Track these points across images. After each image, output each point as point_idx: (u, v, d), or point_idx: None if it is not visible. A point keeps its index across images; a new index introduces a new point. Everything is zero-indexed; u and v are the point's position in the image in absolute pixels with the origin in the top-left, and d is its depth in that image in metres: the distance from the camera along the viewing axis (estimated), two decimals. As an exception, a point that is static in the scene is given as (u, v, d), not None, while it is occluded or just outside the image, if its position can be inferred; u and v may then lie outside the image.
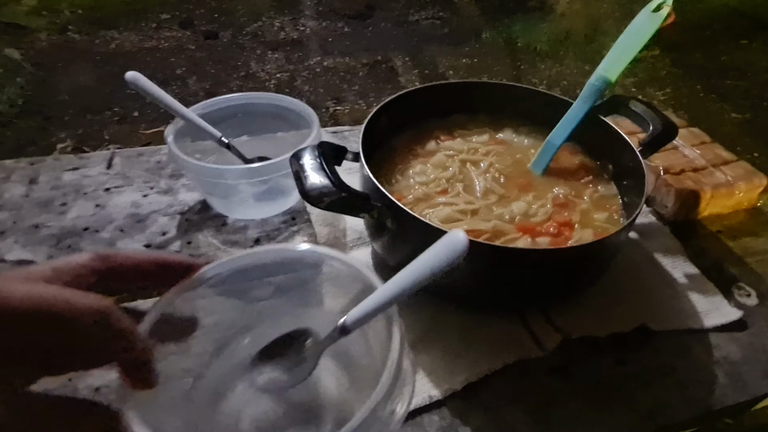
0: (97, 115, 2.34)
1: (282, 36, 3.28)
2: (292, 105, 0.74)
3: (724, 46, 3.13)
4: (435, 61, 3.04)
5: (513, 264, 0.51)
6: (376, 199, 0.52)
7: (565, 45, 3.16)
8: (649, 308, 0.60)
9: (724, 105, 2.62)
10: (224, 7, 3.60)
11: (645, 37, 0.64)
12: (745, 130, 2.44)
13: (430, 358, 0.53)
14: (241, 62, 2.93)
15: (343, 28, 3.43)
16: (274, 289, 0.55)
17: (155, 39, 3.11)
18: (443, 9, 3.71)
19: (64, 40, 3.00)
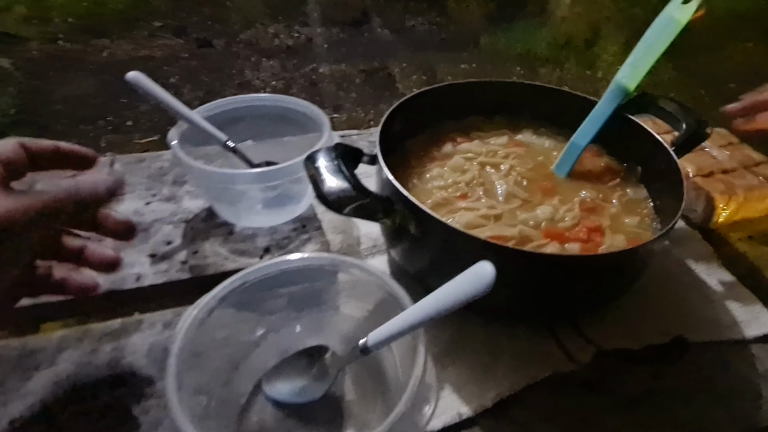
0: (91, 124, 2.29)
1: (276, 43, 3.24)
2: (300, 107, 0.70)
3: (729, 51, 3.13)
4: (433, 67, 3.00)
5: (545, 272, 0.48)
6: (398, 203, 0.49)
7: (565, 50, 3.14)
8: (684, 318, 0.57)
9: (726, 107, 2.61)
10: (218, 14, 3.56)
11: (674, 32, 0.61)
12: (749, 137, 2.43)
13: (457, 373, 0.49)
14: (235, 70, 2.89)
15: (339, 35, 3.40)
16: (288, 300, 0.52)
17: (148, 47, 3.07)
18: (439, 15, 3.69)
19: (56, 49, 2.94)
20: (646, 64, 0.62)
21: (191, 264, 0.60)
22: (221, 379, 0.47)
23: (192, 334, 0.42)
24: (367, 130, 0.87)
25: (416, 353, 0.39)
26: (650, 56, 0.62)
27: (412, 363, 0.40)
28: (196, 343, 0.43)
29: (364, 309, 0.52)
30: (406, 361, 0.46)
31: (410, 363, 0.43)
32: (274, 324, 0.52)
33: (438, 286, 0.54)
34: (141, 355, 0.50)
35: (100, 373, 0.49)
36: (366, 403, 0.47)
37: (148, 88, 0.59)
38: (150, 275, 0.58)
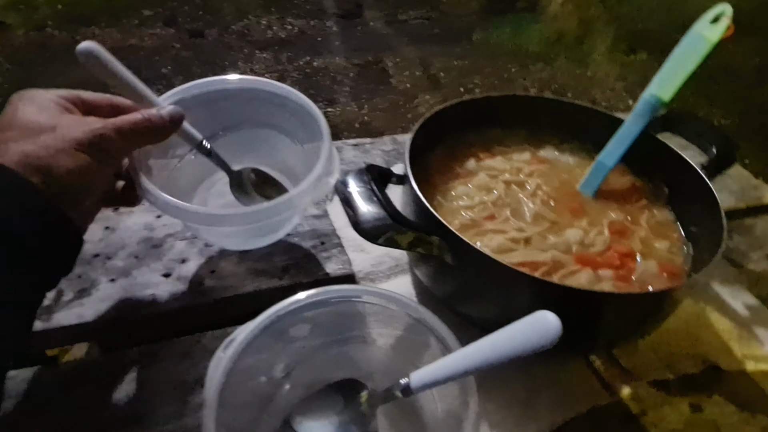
0: (79, 115, 2.24)
1: (270, 35, 3.20)
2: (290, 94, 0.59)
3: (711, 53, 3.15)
4: (427, 61, 2.99)
5: (587, 307, 0.46)
6: (435, 232, 0.47)
7: (556, 47, 3.14)
8: (715, 344, 0.56)
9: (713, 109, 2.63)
10: (209, 4, 3.50)
11: (703, 51, 0.60)
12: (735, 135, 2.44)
13: (495, 408, 0.48)
14: (228, 62, 2.85)
15: (332, 28, 3.36)
16: (312, 326, 0.50)
17: (138, 37, 3.00)
18: (432, 9, 3.67)
19: (43, 36, 2.87)
20: (675, 83, 0.61)
21: (208, 285, 0.57)
22: (248, 416, 0.45)
23: (225, 377, 0.39)
24: (380, 138, 0.84)
25: (468, 403, 0.37)
26: (680, 75, 0.60)
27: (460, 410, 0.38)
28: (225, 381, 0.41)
29: (391, 336, 0.51)
30: (446, 398, 0.44)
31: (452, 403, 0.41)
32: (299, 354, 0.50)
33: (467, 311, 0.54)
34: (161, 389, 0.48)
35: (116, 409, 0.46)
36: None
37: (106, 65, 0.46)
38: (166, 297, 0.55)
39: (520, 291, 0.47)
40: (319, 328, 0.50)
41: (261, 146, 0.64)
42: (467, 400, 0.38)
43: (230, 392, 0.43)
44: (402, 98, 2.65)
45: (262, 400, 0.46)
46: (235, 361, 0.41)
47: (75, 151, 0.39)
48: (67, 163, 0.38)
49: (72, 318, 0.52)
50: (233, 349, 0.40)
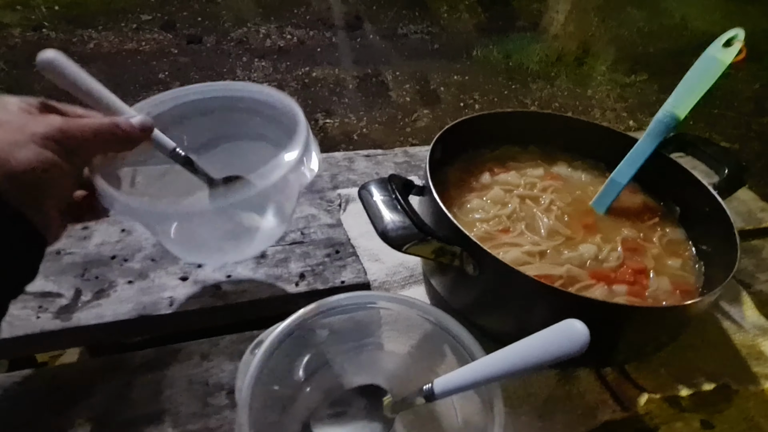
0: (76, 117, 2.23)
1: (268, 44, 3.22)
2: (272, 99, 0.54)
3: (720, 77, 3.20)
4: (426, 76, 3.02)
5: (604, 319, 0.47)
6: (457, 243, 0.48)
7: (556, 66, 3.18)
8: (726, 361, 0.57)
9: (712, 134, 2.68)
10: (208, 11, 3.51)
11: (716, 73, 0.62)
12: (734, 160, 2.49)
13: (513, 420, 0.48)
14: (226, 69, 2.86)
15: (332, 39, 3.39)
16: (329, 332, 0.50)
17: (135, 41, 3.01)
18: (432, 24, 3.71)
19: (39, 37, 2.86)
20: (687, 106, 0.62)
21: (225, 290, 0.57)
22: (270, 419, 0.45)
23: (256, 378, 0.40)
24: (391, 150, 0.85)
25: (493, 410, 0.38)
26: (691, 98, 0.62)
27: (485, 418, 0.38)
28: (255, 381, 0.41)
29: (409, 344, 0.51)
30: (467, 407, 0.45)
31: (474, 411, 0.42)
32: (317, 359, 0.50)
33: (484, 323, 0.54)
34: (181, 389, 0.48)
35: (138, 408, 0.46)
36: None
37: (67, 74, 0.42)
38: (183, 300, 0.55)
39: (539, 302, 0.48)
40: (336, 335, 0.50)
41: (246, 157, 0.55)
42: (491, 409, 0.38)
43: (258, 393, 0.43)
44: (400, 112, 2.67)
45: (282, 403, 0.46)
46: (265, 363, 0.41)
47: (33, 144, 0.36)
48: (26, 155, 0.35)
49: (91, 318, 0.52)
50: (263, 350, 0.41)
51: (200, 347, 0.52)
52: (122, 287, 0.55)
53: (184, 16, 3.40)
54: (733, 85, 3.04)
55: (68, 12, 3.17)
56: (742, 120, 2.75)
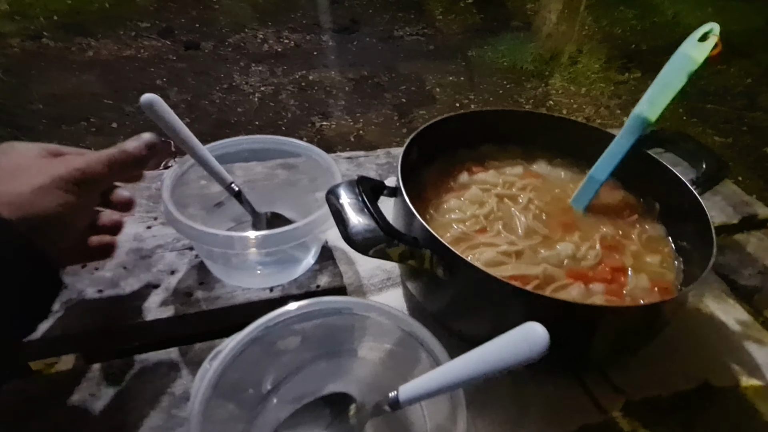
0: (72, 125, 2.24)
1: (265, 48, 3.22)
2: (308, 152, 0.64)
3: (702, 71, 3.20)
4: (421, 77, 3.01)
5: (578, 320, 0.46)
6: (427, 245, 0.47)
7: (550, 65, 3.17)
8: (707, 361, 0.56)
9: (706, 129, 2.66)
10: (205, 17, 3.52)
11: (691, 68, 0.60)
12: (728, 154, 2.47)
13: (484, 425, 0.47)
14: (223, 74, 2.86)
15: (328, 42, 3.39)
16: (301, 339, 0.49)
17: (134, 48, 3.01)
18: (427, 26, 3.70)
19: (38, 46, 2.87)
20: (663, 101, 0.61)
21: (198, 296, 0.56)
22: (235, 429, 0.44)
23: (211, 390, 0.39)
24: (374, 151, 0.84)
25: (456, 416, 0.37)
26: (667, 93, 0.61)
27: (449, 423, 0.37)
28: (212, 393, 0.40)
29: (382, 351, 0.50)
30: (436, 415, 0.44)
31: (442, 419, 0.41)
32: (287, 366, 0.49)
33: (459, 327, 0.53)
34: (144, 402, 0.47)
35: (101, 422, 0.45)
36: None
37: (162, 115, 0.52)
38: (154, 309, 0.55)
39: (512, 305, 0.46)
40: (309, 341, 0.49)
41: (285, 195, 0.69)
42: (456, 415, 0.37)
43: (217, 405, 0.42)
44: (396, 113, 2.66)
45: (250, 413, 0.46)
46: (223, 373, 0.41)
47: (57, 189, 0.39)
48: (51, 201, 0.38)
49: (57, 329, 0.51)
50: (219, 360, 0.40)
51: (168, 357, 0.51)
52: (91, 297, 0.55)
53: (182, 22, 3.40)
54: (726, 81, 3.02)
55: (67, 21, 3.18)
56: (735, 114, 2.73)
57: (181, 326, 0.55)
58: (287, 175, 0.69)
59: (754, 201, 0.82)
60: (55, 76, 2.56)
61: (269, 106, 2.61)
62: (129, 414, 0.46)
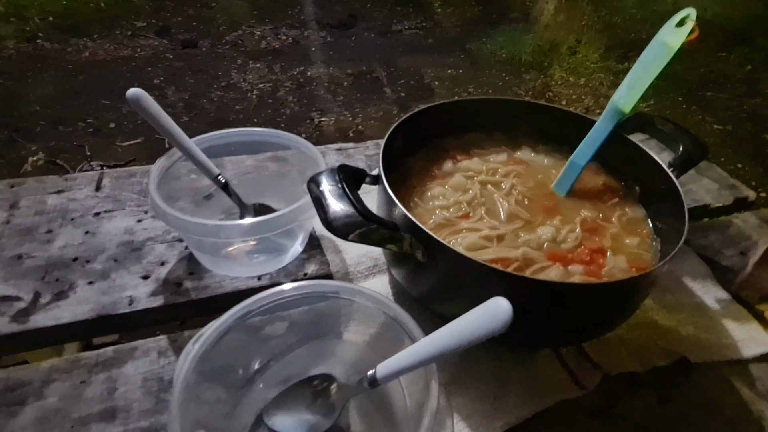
0: (70, 126, 2.25)
1: (263, 45, 3.22)
2: (295, 143, 0.66)
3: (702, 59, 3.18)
4: (420, 71, 3.01)
5: (554, 299, 0.47)
6: (404, 228, 0.48)
7: (549, 56, 3.17)
8: (685, 338, 0.57)
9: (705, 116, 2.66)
10: (202, 15, 3.53)
11: (669, 53, 0.61)
12: (728, 142, 2.47)
13: (465, 401, 0.49)
14: (221, 72, 2.87)
15: (326, 38, 3.39)
16: (288, 324, 0.51)
17: (131, 48, 3.02)
18: (426, 19, 3.70)
19: (34, 48, 2.89)
20: (642, 86, 0.62)
21: (187, 286, 0.58)
22: (222, 411, 0.45)
23: (194, 370, 0.40)
24: (363, 143, 0.85)
25: (429, 388, 0.38)
26: (646, 78, 0.62)
27: (425, 397, 0.39)
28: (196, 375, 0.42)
29: (367, 334, 0.51)
30: (415, 393, 0.45)
31: (421, 395, 0.42)
32: (274, 351, 0.50)
33: (442, 310, 0.54)
34: (135, 386, 0.48)
35: (91, 407, 0.47)
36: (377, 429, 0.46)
37: (148, 109, 0.54)
38: (144, 298, 0.56)
39: (489, 286, 0.47)
40: (296, 326, 0.51)
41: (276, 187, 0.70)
42: (429, 388, 0.39)
43: (206, 388, 0.44)
44: (395, 107, 2.67)
45: (236, 395, 0.47)
46: (207, 356, 0.42)
47: None
48: None
49: (49, 320, 0.53)
50: (201, 341, 0.41)
51: (158, 344, 0.52)
52: (82, 288, 0.56)
53: (179, 21, 3.41)
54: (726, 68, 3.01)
55: (62, 22, 3.19)
56: (735, 102, 2.72)
57: (171, 315, 0.56)
58: (277, 168, 0.70)
59: (738, 184, 0.82)
60: (51, 78, 2.58)
61: (267, 103, 2.61)
62: (120, 398, 0.47)
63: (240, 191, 0.63)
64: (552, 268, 0.54)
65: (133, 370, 0.50)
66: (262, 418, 0.45)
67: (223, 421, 0.45)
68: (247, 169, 0.70)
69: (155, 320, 0.56)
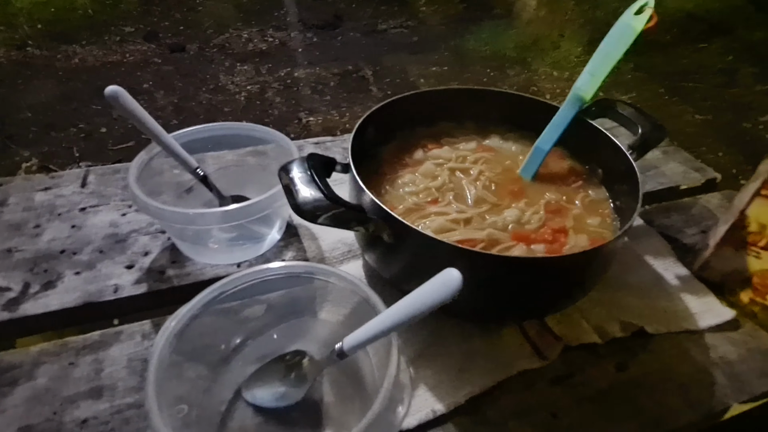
0: (62, 132, 2.27)
1: (250, 47, 3.24)
2: (272, 137, 0.70)
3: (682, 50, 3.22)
4: (405, 70, 3.04)
5: (512, 273, 0.50)
6: (372, 212, 0.51)
7: (532, 51, 3.20)
8: (645, 311, 0.60)
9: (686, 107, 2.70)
10: (190, 19, 3.54)
11: (628, 40, 0.64)
12: (708, 131, 2.51)
13: (432, 373, 0.52)
14: (209, 75, 2.89)
15: (312, 39, 3.41)
16: (267, 307, 0.54)
17: (119, 53, 3.04)
18: (410, 18, 3.73)
19: (24, 55, 2.90)
20: (603, 72, 0.65)
21: (169, 274, 0.61)
22: (202, 387, 0.48)
23: (170, 346, 0.43)
24: (340, 136, 0.88)
25: (390, 356, 0.41)
26: (607, 64, 0.65)
27: (387, 363, 0.41)
28: (177, 353, 0.44)
29: (341, 314, 0.54)
30: (382, 364, 0.48)
31: (385, 365, 0.45)
32: (253, 331, 0.53)
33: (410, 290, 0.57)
34: (120, 367, 0.51)
35: (79, 386, 0.49)
36: (344, 406, 0.49)
37: (126, 105, 0.57)
38: (128, 286, 0.59)
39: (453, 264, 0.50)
40: (274, 308, 0.54)
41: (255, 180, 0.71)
42: (389, 355, 0.41)
43: (186, 366, 0.46)
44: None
45: (216, 372, 0.50)
46: (186, 335, 0.45)
47: None
48: None
49: (38, 308, 0.55)
50: (177, 320, 0.44)
51: (142, 328, 0.55)
52: (69, 278, 0.59)
53: (166, 25, 3.43)
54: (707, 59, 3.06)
55: (51, 29, 3.20)
56: (715, 92, 2.76)
57: (155, 301, 0.59)
58: (257, 161, 0.73)
59: (703, 167, 0.86)
60: (42, 84, 2.59)
61: (255, 105, 2.64)
62: (106, 378, 0.50)
63: (221, 184, 0.66)
64: (516, 247, 0.57)
65: (119, 352, 0.52)
66: (241, 392, 0.48)
67: (204, 396, 0.48)
68: (227, 164, 0.73)
69: (140, 306, 0.58)
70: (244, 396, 0.48)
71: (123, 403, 0.48)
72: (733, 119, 2.60)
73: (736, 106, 2.69)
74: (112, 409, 0.48)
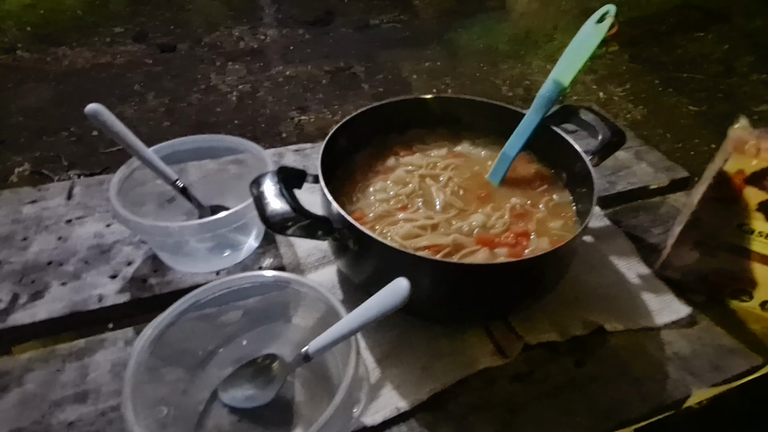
0: (53, 136, 2.29)
1: (241, 46, 3.25)
2: (245, 147, 0.72)
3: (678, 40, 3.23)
4: (398, 65, 3.05)
5: (470, 279, 0.53)
6: (337, 221, 0.54)
7: (525, 45, 3.22)
8: (605, 310, 0.63)
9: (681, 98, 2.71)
10: (179, 18, 3.55)
11: (591, 47, 0.67)
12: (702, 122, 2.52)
13: (398, 372, 0.55)
14: (200, 75, 2.90)
15: (303, 36, 3.42)
16: (243, 313, 0.57)
17: (109, 54, 3.05)
18: (402, 12, 3.73)
19: (13, 59, 2.91)
20: (567, 78, 0.68)
21: (151, 282, 0.63)
22: (180, 389, 0.51)
23: (147, 352, 0.46)
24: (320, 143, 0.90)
25: (349, 357, 0.44)
26: (571, 70, 0.68)
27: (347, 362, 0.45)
28: (155, 358, 0.47)
29: (312, 319, 0.57)
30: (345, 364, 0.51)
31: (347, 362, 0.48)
32: (229, 336, 0.56)
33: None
34: (104, 372, 0.54)
35: (65, 390, 0.52)
36: (314, 404, 0.52)
37: (107, 122, 0.60)
38: (112, 295, 0.62)
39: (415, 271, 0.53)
40: (249, 314, 0.57)
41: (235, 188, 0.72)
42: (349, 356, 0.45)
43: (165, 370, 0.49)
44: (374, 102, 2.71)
45: (194, 375, 0.53)
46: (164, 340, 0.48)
47: None
48: None
49: (26, 318, 0.58)
50: (155, 325, 0.47)
51: (125, 335, 0.58)
52: (56, 288, 0.62)
53: (156, 25, 3.43)
54: (703, 48, 3.07)
55: (40, 31, 3.21)
56: (711, 82, 2.77)
57: (137, 309, 0.62)
58: (237, 170, 0.75)
59: (674, 166, 0.88)
60: (33, 88, 2.61)
61: (247, 104, 2.65)
62: (91, 382, 0.53)
63: (202, 193, 0.69)
64: (479, 251, 0.59)
65: (103, 358, 0.55)
66: (217, 393, 0.52)
67: (182, 397, 0.51)
68: (208, 172, 0.75)
69: (123, 314, 0.61)
70: (220, 397, 0.51)
71: (107, 406, 0.51)
72: (728, 109, 2.61)
73: (732, 96, 2.70)
74: (96, 412, 0.51)
